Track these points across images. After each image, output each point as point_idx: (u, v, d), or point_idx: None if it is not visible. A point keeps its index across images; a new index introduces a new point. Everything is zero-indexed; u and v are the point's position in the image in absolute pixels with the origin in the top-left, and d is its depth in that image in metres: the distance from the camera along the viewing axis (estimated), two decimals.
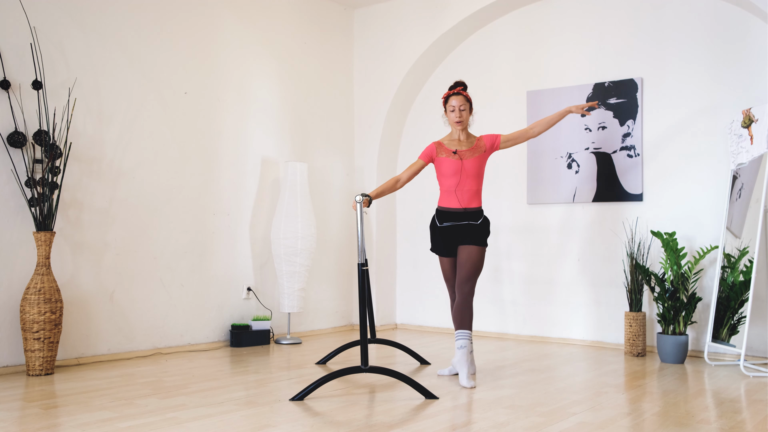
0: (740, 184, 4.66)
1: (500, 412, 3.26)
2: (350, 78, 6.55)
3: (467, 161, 4.10)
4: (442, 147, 4.16)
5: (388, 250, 6.51)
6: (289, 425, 3.01)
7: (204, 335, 5.21)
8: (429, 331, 6.21)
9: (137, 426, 2.97)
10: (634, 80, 5.24)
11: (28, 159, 4.24)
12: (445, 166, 4.11)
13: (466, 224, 4.09)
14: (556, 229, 5.60)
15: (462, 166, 4.09)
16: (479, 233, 4.09)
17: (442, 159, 4.13)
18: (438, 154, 4.15)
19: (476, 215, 4.11)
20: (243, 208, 5.54)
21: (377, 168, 6.40)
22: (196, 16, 5.25)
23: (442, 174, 4.15)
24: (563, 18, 5.64)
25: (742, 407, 3.40)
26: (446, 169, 4.11)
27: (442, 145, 4.16)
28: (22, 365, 4.19)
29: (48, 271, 4.14)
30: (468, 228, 4.09)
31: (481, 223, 4.12)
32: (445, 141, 4.19)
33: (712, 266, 4.85)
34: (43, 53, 4.35)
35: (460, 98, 4.13)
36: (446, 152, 4.13)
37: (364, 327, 3.67)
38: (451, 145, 4.15)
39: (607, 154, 5.36)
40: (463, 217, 4.09)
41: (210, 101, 5.33)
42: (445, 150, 4.14)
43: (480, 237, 4.09)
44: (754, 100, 4.76)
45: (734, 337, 4.53)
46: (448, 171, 4.11)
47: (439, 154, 4.14)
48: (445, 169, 4.12)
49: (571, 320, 5.51)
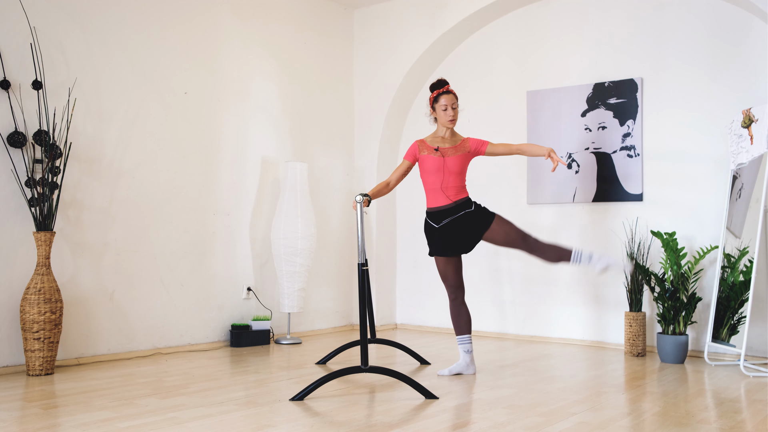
0: (740, 184, 4.66)
1: (500, 412, 3.26)
2: (350, 78, 6.55)
3: (449, 159, 4.10)
4: (424, 144, 4.17)
5: (388, 250, 6.51)
6: (289, 425, 3.01)
7: (204, 335, 5.21)
8: (429, 331, 6.21)
9: (137, 426, 2.97)
10: (634, 80, 5.24)
11: (28, 159, 4.24)
12: (428, 163, 4.11)
13: (463, 215, 4.08)
14: (556, 229, 5.60)
15: (444, 164, 4.09)
16: (482, 215, 4.07)
17: (425, 156, 4.14)
18: (420, 151, 4.16)
19: (468, 203, 4.11)
20: (243, 208, 5.54)
21: (377, 168, 6.40)
22: (197, 17, 5.25)
23: (424, 171, 4.15)
24: (563, 18, 5.64)
25: (742, 407, 3.40)
26: (428, 166, 4.11)
27: (424, 143, 4.17)
28: (22, 365, 4.19)
29: (48, 271, 4.14)
30: (467, 217, 4.07)
31: (476, 208, 4.10)
32: (428, 139, 4.19)
33: (712, 266, 4.85)
34: (43, 53, 4.35)
35: (451, 96, 4.11)
36: (428, 149, 4.14)
37: (364, 327, 3.67)
38: (433, 143, 4.16)
39: (607, 154, 5.36)
40: (457, 210, 4.08)
41: (210, 101, 5.33)
42: (427, 147, 4.15)
43: (485, 216, 4.07)
44: (754, 100, 4.76)
45: (734, 337, 4.53)
46: (430, 168, 4.11)
47: (422, 152, 4.15)
48: (427, 166, 4.12)
49: (571, 320, 5.51)
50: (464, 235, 4.09)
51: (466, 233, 4.08)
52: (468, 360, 4.18)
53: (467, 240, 4.10)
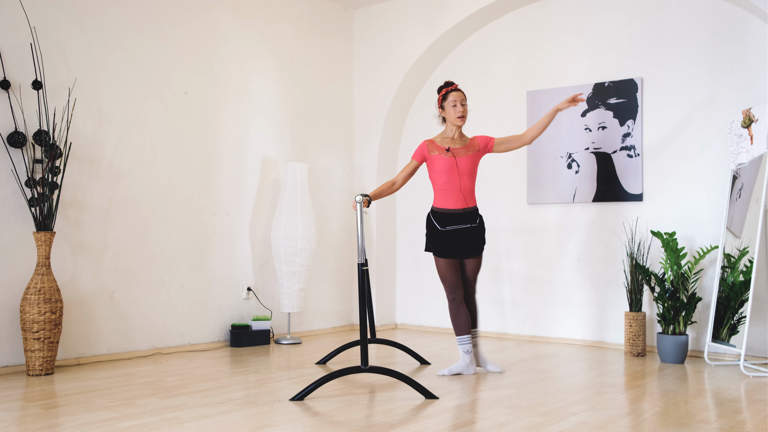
0: (740, 184, 4.66)
1: (500, 412, 3.26)
2: (350, 78, 6.55)
3: (461, 159, 4.11)
4: (434, 145, 4.17)
5: (388, 250, 6.51)
6: (289, 425, 3.01)
7: (204, 335, 5.21)
8: (429, 331, 6.20)
9: (137, 426, 2.97)
10: (634, 80, 5.23)
11: (28, 159, 4.24)
12: (439, 164, 4.11)
13: (468, 228, 4.14)
14: (556, 229, 5.60)
15: (456, 164, 4.09)
16: (480, 239, 4.23)
17: (435, 157, 4.14)
18: (430, 152, 4.16)
19: (475, 215, 4.18)
20: (243, 208, 5.54)
21: (377, 168, 6.40)
22: (197, 17, 5.25)
23: (435, 172, 4.15)
24: (563, 18, 5.64)
25: (742, 407, 3.40)
26: (440, 167, 4.11)
27: (434, 143, 4.17)
28: (22, 365, 4.19)
29: (48, 271, 4.14)
30: (470, 232, 4.17)
31: (480, 224, 4.22)
32: (437, 139, 4.20)
33: (712, 266, 4.85)
34: (43, 53, 4.35)
35: (460, 93, 4.14)
36: (439, 150, 4.14)
37: (364, 327, 3.67)
38: (443, 143, 4.16)
39: (607, 154, 5.35)
40: (464, 219, 4.12)
41: (210, 101, 5.33)
42: (437, 148, 4.15)
43: (481, 243, 4.24)
44: (754, 100, 4.76)
45: (734, 337, 4.52)
46: (441, 168, 4.11)
47: (432, 152, 4.15)
48: (438, 166, 4.12)
49: (571, 320, 5.51)
50: (464, 244, 4.18)
51: (465, 243, 4.18)
52: (468, 360, 4.19)
53: (466, 249, 4.20)
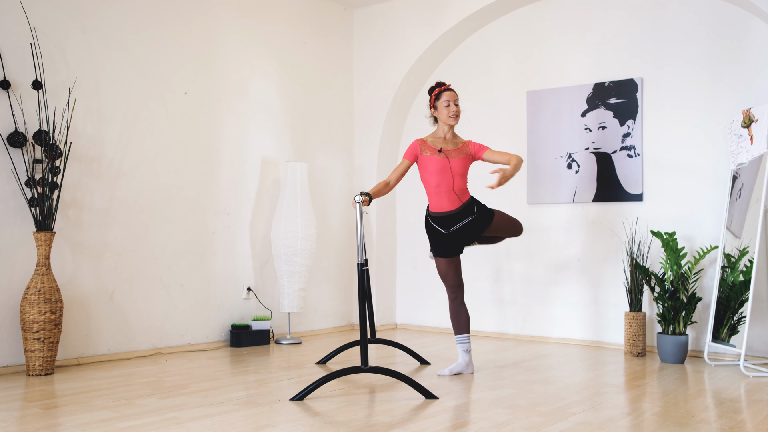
0: (740, 184, 4.66)
1: (500, 412, 3.26)
2: (350, 78, 6.55)
3: (453, 160, 4.07)
4: (426, 145, 4.12)
5: (388, 250, 6.51)
6: (289, 425, 3.01)
7: (204, 335, 5.21)
8: (429, 331, 6.21)
9: (137, 426, 2.97)
10: (634, 80, 5.23)
11: (28, 159, 4.24)
12: (431, 164, 4.07)
13: (470, 221, 4.11)
14: (556, 229, 5.60)
15: (449, 165, 4.06)
16: (486, 219, 4.13)
17: (427, 157, 4.09)
18: (422, 152, 4.11)
19: (471, 207, 4.13)
20: (243, 208, 5.54)
21: (377, 168, 6.40)
22: (197, 16, 5.25)
23: (427, 171, 4.10)
24: (563, 18, 5.64)
25: (742, 407, 3.40)
26: (432, 167, 4.07)
27: (426, 143, 4.12)
28: (22, 365, 4.19)
29: (48, 271, 4.14)
30: (474, 223, 4.11)
31: (479, 212, 4.14)
32: (429, 139, 4.15)
33: (712, 266, 4.85)
34: (43, 53, 4.35)
35: (452, 93, 4.13)
36: (431, 150, 4.09)
37: (364, 327, 3.67)
38: (435, 143, 4.12)
39: (607, 154, 5.35)
40: (463, 215, 4.09)
41: (210, 101, 5.33)
42: (429, 148, 4.10)
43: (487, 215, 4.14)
44: (754, 100, 4.76)
45: (734, 337, 4.53)
46: (433, 169, 4.06)
47: (423, 152, 4.11)
48: (431, 166, 4.07)
49: (571, 320, 5.51)
50: (468, 236, 4.15)
51: (470, 234, 4.14)
52: (467, 359, 4.19)
53: (469, 238, 4.17)
